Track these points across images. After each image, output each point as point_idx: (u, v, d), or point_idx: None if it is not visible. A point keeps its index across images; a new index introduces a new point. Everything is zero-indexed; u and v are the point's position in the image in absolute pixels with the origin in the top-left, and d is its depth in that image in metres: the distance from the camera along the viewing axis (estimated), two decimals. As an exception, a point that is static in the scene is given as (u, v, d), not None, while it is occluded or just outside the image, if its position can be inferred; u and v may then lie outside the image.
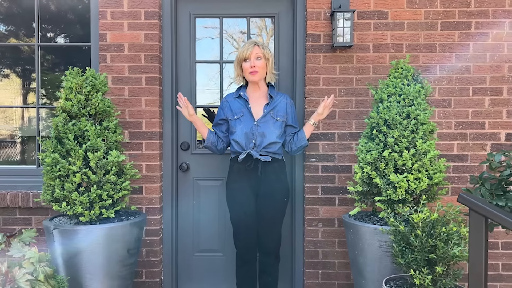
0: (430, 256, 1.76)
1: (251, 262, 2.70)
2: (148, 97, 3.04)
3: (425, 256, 1.78)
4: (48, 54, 3.33)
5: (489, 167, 2.13)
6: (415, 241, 1.82)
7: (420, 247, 1.81)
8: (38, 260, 1.78)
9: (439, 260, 1.76)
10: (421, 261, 1.78)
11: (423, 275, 1.76)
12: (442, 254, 1.75)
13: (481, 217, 1.25)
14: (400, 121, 2.38)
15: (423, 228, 1.84)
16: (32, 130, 3.41)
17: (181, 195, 3.24)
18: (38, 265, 1.77)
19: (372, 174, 2.40)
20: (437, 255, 1.76)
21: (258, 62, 2.60)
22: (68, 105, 2.39)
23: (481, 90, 2.99)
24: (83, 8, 3.21)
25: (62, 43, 3.30)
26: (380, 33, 2.99)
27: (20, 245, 1.84)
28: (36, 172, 3.14)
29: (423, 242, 1.80)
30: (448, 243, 1.77)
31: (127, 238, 2.43)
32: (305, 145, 2.68)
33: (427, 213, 1.86)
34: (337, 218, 3.03)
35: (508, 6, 2.97)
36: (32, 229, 1.96)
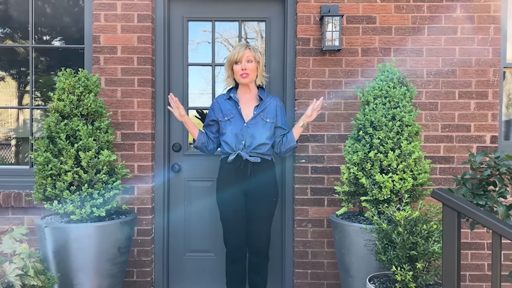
0: (411, 253, 1.82)
1: (240, 261, 2.74)
2: (140, 99, 3.08)
3: (407, 253, 1.84)
4: (42, 56, 3.37)
5: (471, 168, 2.19)
6: (397, 238, 1.87)
7: (401, 244, 1.86)
8: (28, 256, 1.82)
9: (419, 257, 1.81)
10: (403, 257, 1.84)
11: (404, 272, 1.81)
12: (423, 251, 1.81)
13: (453, 211, 1.30)
14: (385, 123, 2.44)
15: (405, 226, 1.90)
16: (26, 132, 3.44)
17: (173, 195, 3.28)
18: (28, 260, 1.81)
19: (359, 174, 2.45)
20: (418, 252, 1.81)
21: (249, 65, 2.65)
22: (60, 105, 2.43)
23: (467, 94, 3.06)
24: (78, 11, 3.26)
25: (56, 45, 3.34)
26: (368, 37, 3.06)
27: (11, 241, 1.87)
28: (29, 172, 3.18)
29: (404, 239, 1.85)
30: (428, 240, 1.82)
31: (117, 237, 2.47)
32: (294, 147, 2.73)
33: (409, 211, 1.91)
34: (326, 218, 3.08)
35: (493, 12, 3.04)
36: (23, 226, 2.00)
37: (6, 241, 1.85)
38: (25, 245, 1.85)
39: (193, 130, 2.73)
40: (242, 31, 3.31)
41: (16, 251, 1.82)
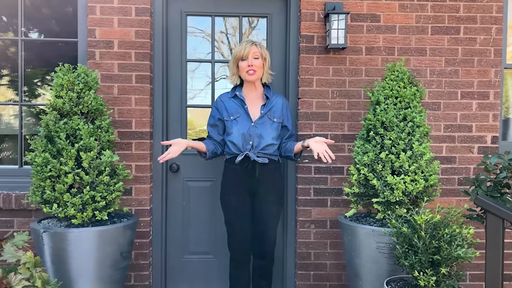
0: (434, 258, 1.78)
1: (245, 265, 2.66)
2: (138, 96, 2.96)
3: (429, 258, 1.80)
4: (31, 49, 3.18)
5: (485, 169, 2.18)
6: (418, 242, 1.83)
7: (423, 248, 1.82)
8: (33, 265, 1.70)
9: (443, 262, 1.78)
10: (425, 262, 1.80)
11: (427, 277, 1.78)
12: (446, 256, 1.78)
13: (498, 219, 1.27)
14: (397, 123, 2.41)
15: (426, 229, 1.86)
16: (11, 129, 3.26)
17: (171, 196, 3.17)
18: (34, 270, 1.68)
19: (369, 175, 2.41)
20: (441, 257, 1.78)
21: (256, 62, 2.57)
22: (59, 102, 2.29)
23: (469, 94, 3.06)
24: (71, 2, 3.09)
25: (47, 38, 3.17)
26: (372, 36, 3.02)
27: (14, 249, 1.74)
28: (18, 172, 3.02)
29: (426, 243, 1.82)
30: (451, 245, 1.79)
31: (120, 241, 2.36)
32: (291, 158, 2.63)
33: (429, 215, 1.88)
34: (329, 219, 3.03)
35: (495, 13, 3.05)
36: (25, 232, 1.87)
37: (8, 249, 1.72)
38: (30, 254, 1.72)
39: (200, 146, 2.60)
40: (228, 27, 3.22)
41: (21, 260, 1.69)
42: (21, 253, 1.72)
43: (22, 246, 1.79)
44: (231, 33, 3.29)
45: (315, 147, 2.39)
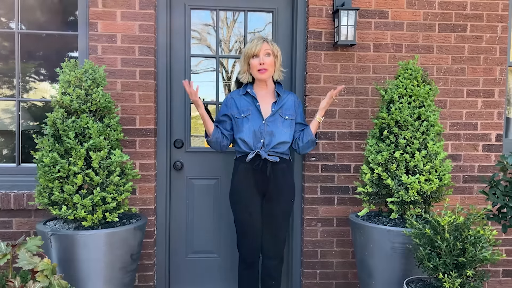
0: (459, 260, 1.77)
1: (255, 265, 2.62)
2: (142, 92, 2.87)
3: (454, 260, 1.79)
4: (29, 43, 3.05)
5: (501, 169, 2.18)
6: (442, 244, 1.82)
7: (447, 250, 1.81)
8: (51, 272, 1.62)
9: (468, 263, 1.77)
10: (450, 264, 1.79)
11: (451, 279, 1.77)
12: (471, 257, 1.77)
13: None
14: (411, 123, 2.39)
15: (449, 231, 1.85)
16: (2, 124, 3.13)
17: (175, 195, 3.10)
18: (53, 277, 1.61)
19: (383, 175, 2.39)
20: (467, 259, 1.77)
21: (267, 59, 2.51)
22: (66, 100, 2.19)
23: (474, 92, 3.07)
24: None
25: (46, 31, 3.04)
26: (380, 33, 2.99)
27: (29, 255, 1.66)
28: (16, 171, 2.90)
29: (451, 245, 1.81)
30: (476, 246, 1.79)
31: (130, 243, 2.29)
32: (312, 140, 2.57)
33: (453, 217, 1.87)
34: (335, 217, 3.02)
35: (501, 11, 3.05)
36: (38, 236, 1.78)
37: (23, 256, 1.64)
38: (47, 260, 1.64)
39: (208, 124, 2.53)
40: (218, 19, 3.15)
41: (38, 268, 1.61)
42: (37, 260, 1.64)
43: (37, 251, 1.71)
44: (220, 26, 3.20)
45: (325, 101, 2.53)
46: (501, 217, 2.11)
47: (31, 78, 3.16)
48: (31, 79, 3.16)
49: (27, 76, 3.13)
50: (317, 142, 2.65)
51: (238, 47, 3.26)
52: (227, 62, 3.32)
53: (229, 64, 3.33)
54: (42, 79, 3.20)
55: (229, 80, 3.34)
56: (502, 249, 3.11)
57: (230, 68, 3.35)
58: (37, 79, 3.19)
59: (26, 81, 3.12)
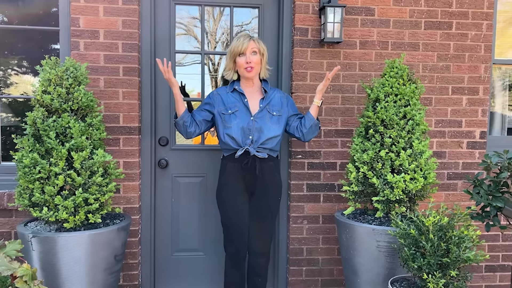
0: (443, 260, 1.78)
1: (241, 263, 2.61)
2: (126, 89, 2.82)
3: (438, 260, 1.80)
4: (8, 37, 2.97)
5: (485, 169, 2.19)
6: (426, 245, 1.83)
7: (432, 251, 1.82)
8: (31, 278, 1.58)
9: (451, 264, 1.78)
10: (434, 265, 1.80)
11: (436, 279, 1.78)
12: (455, 258, 1.78)
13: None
14: (397, 121, 2.39)
15: (433, 232, 1.86)
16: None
17: (160, 193, 3.07)
18: (32, 283, 1.57)
19: (369, 174, 2.39)
20: (451, 259, 1.78)
21: (254, 58, 2.48)
22: (46, 98, 2.14)
23: (459, 90, 3.09)
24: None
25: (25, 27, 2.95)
26: (367, 30, 2.98)
27: (7, 260, 1.62)
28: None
29: (435, 246, 1.82)
30: (460, 247, 1.80)
31: (114, 244, 2.26)
32: (314, 124, 2.54)
33: (437, 217, 1.88)
34: (321, 214, 3.02)
35: (486, 9, 3.06)
36: (17, 240, 1.73)
37: (1, 261, 1.59)
38: (26, 266, 1.60)
39: (180, 104, 2.46)
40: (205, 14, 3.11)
41: (18, 273, 1.57)
42: (16, 265, 1.60)
43: (15, 256, 1.67)
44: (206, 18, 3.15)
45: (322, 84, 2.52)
46: (484, 216, 2.13)
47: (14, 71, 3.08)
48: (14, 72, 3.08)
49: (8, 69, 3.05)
50: (320, 126, 2.61)
51: (225, 39, 3.22)
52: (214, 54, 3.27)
53: (215, 56, 3.28)
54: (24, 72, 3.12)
55: (216, 72, 3.30)
56: (485, 245, 3.16)
57: (217, 61, 3.31)
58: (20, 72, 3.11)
59: (6, 76, 3.03)
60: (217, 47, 3.23)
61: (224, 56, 3.15)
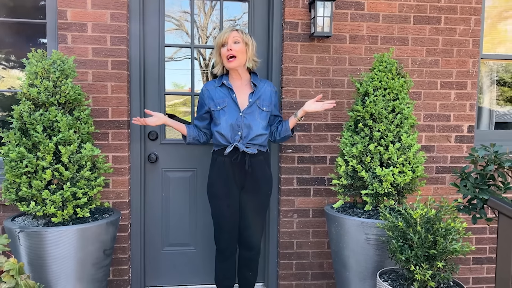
0: (430, 252, 1.80)
1: (232, 257, 2.62)
2: (114, 83, 2.80)
3: (425, 252, 1.82)
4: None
5: (472, 162, 2.22)
6: (414, 237, 1.85)
7: (419, 243, 1.84)
8: (18, 272, 1.57)
9: (438, 255, 1.80)
10: (421, 256, 1.82)
11: (423, 270, 1.80)
12: (442, 250, 1.80)
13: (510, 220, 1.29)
14: (386, 115, 2.40)
15: (421, 224, 1.88)
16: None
17: (149, 187, 3.06)
18: (19, 277, 1.56)
19: (358, 167, 2.41)
20: (437, 251, 1.80)
21: (236, 46, 2.46)
22: (33, 92, 2.11)
23: (448, 84, 3.11)
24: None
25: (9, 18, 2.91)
26: (356, 24, 2.98)
27: (-6, 255, 1.61)
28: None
29: (422, 238, 1.84)
30: (446, 239, 1.82)
31: (103, 238, 2.24)
32: (289, 136, 2.61)
33: (424, 209, 1.90)
34: (311, 208, 3.03)
35: (475, 4, 3.08)
36: (4, 234, 1.72)
37: (-13, 256, 1.58)
38: (13, 260, 1.59)
39: (179, 127, 2.56)
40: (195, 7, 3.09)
41: (4, 268, 1.56)
42: (3, 259, 1.58)
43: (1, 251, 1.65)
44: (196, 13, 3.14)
45: (314, 107, 2.50)
46: (471, 209, 2.16)
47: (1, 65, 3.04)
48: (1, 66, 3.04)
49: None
50: (291, 136, 2.66)
51: (216, 33, 3.19)
52: (204, 49, 3.25)
53: (206, 51, 3.26)
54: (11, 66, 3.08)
55: (207, 67, 3.28)
56: (472, 237, 3.20)
57: (208, 56, 3.29)
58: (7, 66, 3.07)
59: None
60: (208, 41, 3.22)
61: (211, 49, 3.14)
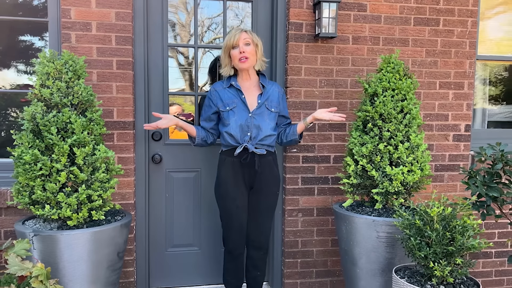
0: (449, 249, 1.86)
1: (241, 257, 2.63)
2: (120, 83, 2.76)
3: (444, 249, 1.88)
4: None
5: (479, 161, 2.29)
6: (432, 234, 1.90)
7: (437, 240, 1.89)
8: (46, 277, 1.54)
9: (456, 252, 1.86)
10: (440, 253, 1.87)
11: (441, 267, 1.85)
12: (460, 246, 1.86)
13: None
14: (395, 115, 2.46)
15: (437, 221, 1.93)
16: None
17: (153, 188, 3.03)
18: (48, 282, 1.53)
19: (368, 167, 2.45)
20: (455, 247, 1.86)
21: (247, 48, 2.48)
22: (46, 93, 2.07)
23: (446, 84, 3.19)
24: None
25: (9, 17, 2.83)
26: (359, 25, 3.03)
27: (18, 260, 1.56)
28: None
29: (440, 235, 1.89)
30: (464, 235, 1.88)
31: (117, 241, 2.22)
32: (295, 141, 2.63)
33: (441, 207, 1.95)
34: (316, 207, 3.07)
35: (471, 6, 3.18)
36: (25, 239, 1.68)
37: (12, 261, 1.54)
38: (41, 265, 1.55)
39: (189, 128, 2.54)
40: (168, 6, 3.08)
41: (33, 273, 1.52)
42: (29, 264, 1.55)
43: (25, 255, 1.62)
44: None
45: (323, 116, 2.49)
46: (479, 206, 2.23)
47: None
48: None
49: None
50: (299, 141, 2.68)
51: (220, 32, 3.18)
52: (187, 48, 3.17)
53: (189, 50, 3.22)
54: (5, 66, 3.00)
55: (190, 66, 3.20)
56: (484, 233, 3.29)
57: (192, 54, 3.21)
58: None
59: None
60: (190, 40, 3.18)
61: (214, 49, 3.14)
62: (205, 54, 3.20)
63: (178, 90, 3.17)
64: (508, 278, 3.40)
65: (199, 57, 3.13)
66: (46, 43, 2.86)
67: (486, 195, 2.15)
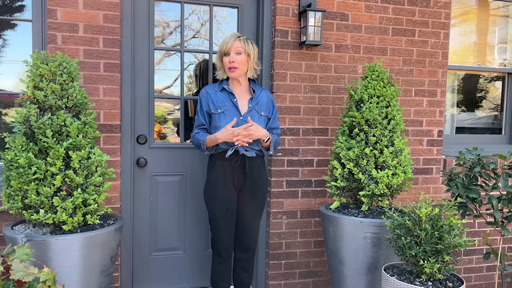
0: (438, 247, 1.98)
1: (229, 259, 2.67)
2: (107, 86, 2.73)
3: (433, 247, 2.00)
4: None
5: (459, 165, 2.45)
6: (421, 233, 2.02)
7: (426, 239, 2.01)
8: (53, 282, 1.51)
9: (444, 250, 1.99)
10: (429, 251, 1.99)
11: (430, 264, 1.97)
12: (447, 244, 1.99)
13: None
14: (380, 121, 2.57)
15: (426, 221, 2.05)
16: None
17: (138, 192, 3.01)
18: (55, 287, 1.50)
19: (354, 170, 2.56)
20: (444, 246, 1.98)
21: (238, 58, 2.52)
22: (39, 95, 2.02)
23: (421, 92, 3.37)
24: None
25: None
26: (341, 34, 3.15)
27: (22, 265, 1.52)
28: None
29: (429, 234, 2.01)
30: (450, 234, 2.01)
31: (111, 245, 2.20)
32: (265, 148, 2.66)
33: (429, 208, 2.07)
34: (299, 209, 3.14)
35: (444, 19, 3.37)
36: (26, 244, 1.63)
37: (16, 266, 1.50)
38: (47, 270, 1.52)
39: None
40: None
41: (40, 278, 1.49)
42: (34, 269, 1.51)
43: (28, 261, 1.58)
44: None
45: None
46: (459, 207, 2.38)
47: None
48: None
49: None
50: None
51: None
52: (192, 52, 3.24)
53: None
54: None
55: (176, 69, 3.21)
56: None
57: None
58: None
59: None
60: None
61: (202, 54, 3.17)
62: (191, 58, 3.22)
63: (164, 93, 3.17)
64: (475, 275, 3.61)
65: (185, 61, 3.13)
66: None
67: (467, 197, 2.30)
